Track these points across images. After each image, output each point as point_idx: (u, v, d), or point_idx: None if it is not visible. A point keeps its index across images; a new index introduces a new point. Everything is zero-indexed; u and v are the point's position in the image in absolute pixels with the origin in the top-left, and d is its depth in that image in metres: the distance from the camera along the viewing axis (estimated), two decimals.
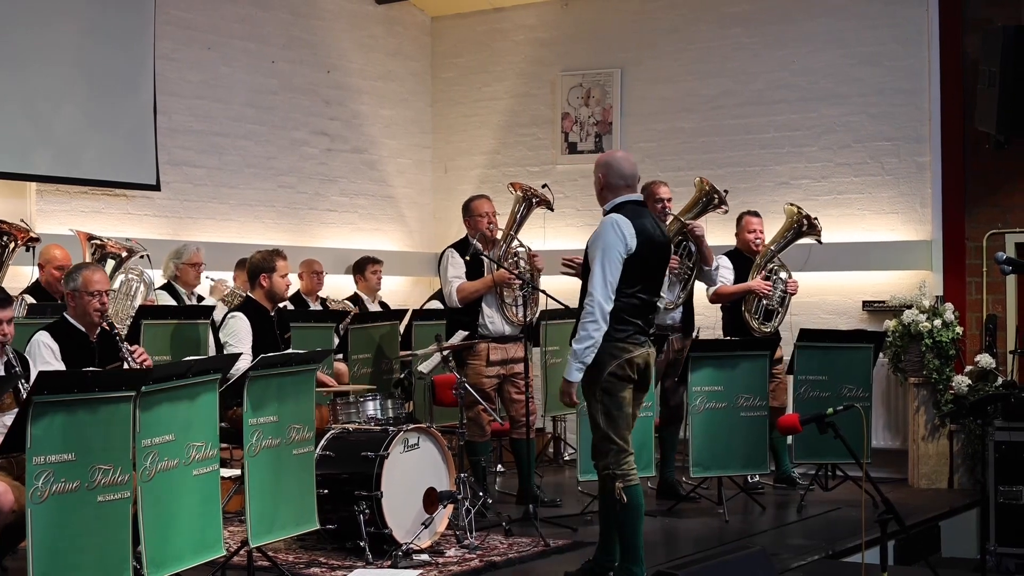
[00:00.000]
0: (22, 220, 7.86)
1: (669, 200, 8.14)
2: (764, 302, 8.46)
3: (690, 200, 8.36)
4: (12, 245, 7.50)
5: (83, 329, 6.05)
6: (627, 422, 5.81)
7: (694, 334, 8.44)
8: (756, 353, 8.08)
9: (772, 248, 8.57)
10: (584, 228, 10.64)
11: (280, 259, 7.21)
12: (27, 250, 7.65)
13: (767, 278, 8.47)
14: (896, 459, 9.36)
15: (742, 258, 8.62)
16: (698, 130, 10.65)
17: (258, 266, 7.21)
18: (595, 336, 5.66)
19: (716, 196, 8.29)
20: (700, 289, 8.50)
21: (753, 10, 10.46)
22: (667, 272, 7.81)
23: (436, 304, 9.73)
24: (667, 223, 8.13)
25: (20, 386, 5.40)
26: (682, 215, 8.21)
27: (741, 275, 8.50)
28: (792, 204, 8.70)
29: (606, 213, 5.91)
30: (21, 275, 8.00)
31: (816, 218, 8.57)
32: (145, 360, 6.02)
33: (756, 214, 8.77)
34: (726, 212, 8.50)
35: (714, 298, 8.56)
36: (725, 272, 8.52)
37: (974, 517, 8.39)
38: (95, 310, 6.00)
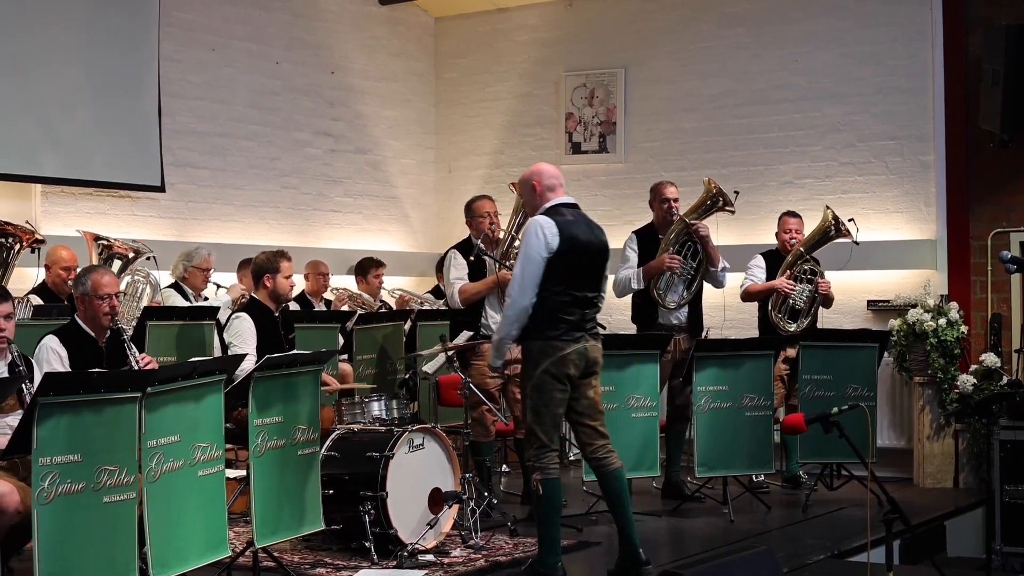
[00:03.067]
0: (27, 222, 7.87)
1: (676, 200, 8.17)
2: (790, 301, 8.50)
3: (697, 200, 8.36)
4: (17, 247, 7.51)
5: (92, 333, 6.03)
6: (554, 421, 6.05)
7: (703, 334, 8.45)
8: (761, 353, 8.08)
9: (802, 248, 8.61)
10: None
11: (284, 260, 7.23)
12: (32, 251, 7.66)
13: (795, 277, 8.52)
14: (901, 458, 9.36)
15: (779, 258, 8.72)
16: (701, 130, 10.66)
17: (262, 267, 7.23)
18: (508, 331, 6.05)
19: (722, 198, 8.29)
20: (708, 290, 8.48)
21: (754, 9, 10.46)
22: (666, 273, 7.90)
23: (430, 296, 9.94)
24: (673, 223, 8.15)
25: (24, 387, 5.40)
26: (688, 215, 8.21)
27: (775, 274, 8.62)
28: (828, 207, 8.73)
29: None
30: (26, 276, 8.00)
31: (851, 220, 8.60)
32: (151, 367, 6.01)
33: (795, 215, 8.87)
34: (732, 213, 8.50)
35: (744, 296, 8.75)
36: (757, 271, 8.69)
37: (979, 516, 8.39)
38: (104, 313, 5.98)
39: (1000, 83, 8.87)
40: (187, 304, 8.49)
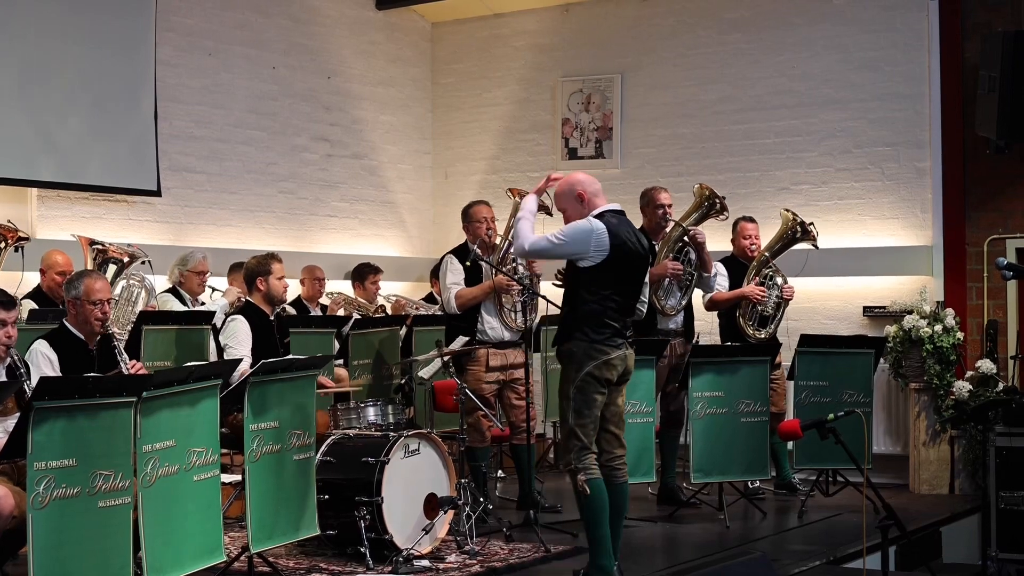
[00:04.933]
0: (9, 220, 7.81)
1: (670, 206, 8.15)
2: (759, 308, 8.48)
3: (691, 206, 8.34)
4: (3, 245, 7.48)
5: (82, 337, 6.02)
6: (595, 424, 6.03)
7: (694, 339, 8.44)
8: (757, 359, 8.07)
9: (767, 254, 8.56)
10: None
11: (275, 262, 7.24)
12: (16, 251, 7.63)
13: (761, 284, 8.48)
14: (897, 465, 9.35)
15: (738, 264, 8.63)
16: (698, 136, 10.67)
17: (254, 270, 7.24)
18: (521, 232, 6.07)
19: (717, 201, 8.28)
20: (698, 295, 8.48)
21: (752, 16, 10.47)
22: (668, 279, 7.92)
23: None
24: (668, 229, 8.15)
25: (26, 388, 5.39)
26: (683, 221, 8.19)
27: (736, 281, 8.52)
28: (788, 210, 8.69)
29: None
30: (12, 279, 7.94)
31: (812, 224, 8.55)
32: (141, 373, 6.00)
33: (751, 220, 8.79)
34: (726, 219, 8.48)
35: (709, 305, 8.59)
36: (720, 279, 8.54)
37: (975, 523, 8.40)
38: (96, 319, 5.98)
39: (997, 89, 8.88)
40: (184, 309, 8.49)
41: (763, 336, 8.47)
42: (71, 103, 8.89)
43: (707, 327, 9.19)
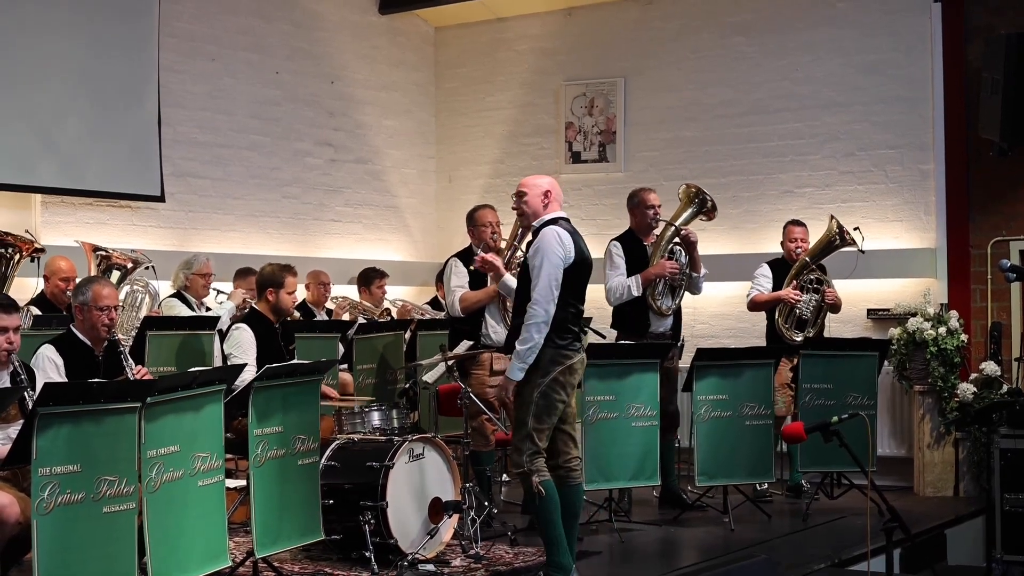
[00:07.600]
0: (27, 231, 7.88)
1: (659, 207, 8.18)
2: (796, 311, 8.54)
3: (679, 207, 8.30)
4: (17, 256, 7.52)
5: (89, 343, 6.03)
6: (550, 431, 6.09)
7: (680, 343, 8.46)
8: (761, 362, 8.08)
9: (807, 258, 8.65)
10: (588, 237, 10.56)
11: (290, 275, 7.21)
12: (32, 260, 7.67)
13: (801, 287, 8.55)
14: (901, 467, 9.35)
15: (784, 266, 8.79)
16: (701, 139, 10.66)
17: (268, 280, 7.20)
18: (537, 339, 5.97)
19: (708, 199, 8.26)
20: (687, 298, 8.42)
21: (755, 19, 10.47)
22: (664, 279, 7.89)
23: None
24: (659, 230, 8.15)
25: (27, 396, 5.40)
26: (674, 221, 8.17)
27: (782, 283, 8.71)
28: (833, 217, 8.78)
29: (538, 227, 6.19)
30: (26, 286, 8.01)
31: (857, 228, 8.67)
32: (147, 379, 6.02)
33: (799, 223, 8.92)
34: (711, 220, 8.46)
35: (751, 306, 8.85)
36: (763, 280, 8.77)
37: (980, 525, 8.39)
38: (103, 325, 5.99)
39: (999, 92, 8.88)
40: (191, 312, 8.50)
41: (799, 339, 8.60)
42: (74, 109, 8.91)
43: (712, 330, 9.18)
